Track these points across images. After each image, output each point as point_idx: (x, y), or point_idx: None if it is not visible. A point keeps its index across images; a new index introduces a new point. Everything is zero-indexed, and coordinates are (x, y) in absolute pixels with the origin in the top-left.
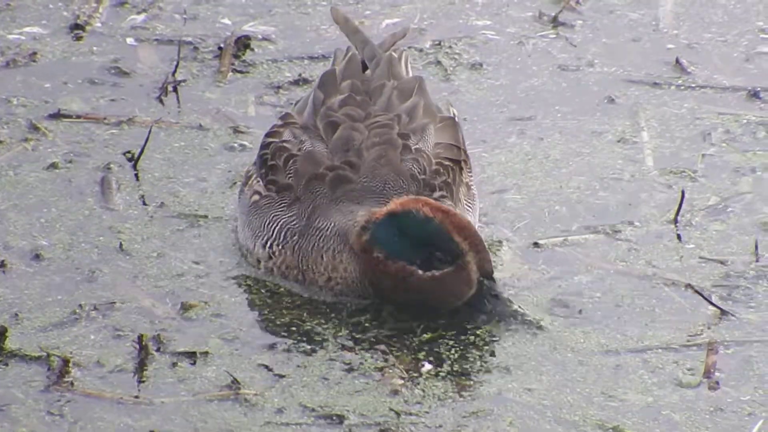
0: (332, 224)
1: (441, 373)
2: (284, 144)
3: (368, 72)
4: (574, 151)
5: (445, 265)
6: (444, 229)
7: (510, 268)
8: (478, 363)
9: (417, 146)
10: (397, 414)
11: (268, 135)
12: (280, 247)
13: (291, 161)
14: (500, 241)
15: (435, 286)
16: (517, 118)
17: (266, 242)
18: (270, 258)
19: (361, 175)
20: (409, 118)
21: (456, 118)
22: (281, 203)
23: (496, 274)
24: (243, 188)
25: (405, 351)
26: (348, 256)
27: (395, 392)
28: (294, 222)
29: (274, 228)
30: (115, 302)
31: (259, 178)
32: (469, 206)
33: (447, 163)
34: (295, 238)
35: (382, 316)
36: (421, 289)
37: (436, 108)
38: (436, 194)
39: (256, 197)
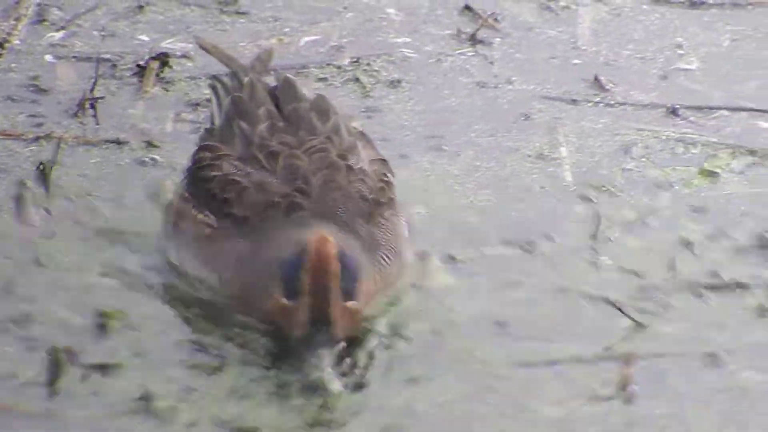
0: (274, 255)
1: (351, 386)
2: (231, 177)
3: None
4: (487, 167)
5: (291, 297)
6: (301, 265)
7: (433, 280)
8: (385, 376)
9: (359, 166)
10: (310, 426)
11: (201, 168)
12: (234, 276)
13: (244, 193)
14: (427, 253)
15: (277, 314)
16: (433, 135)
17: (220, 273)
18: (223, 288)
19: (312, 201)
20: (339, 138)
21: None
22: (237, 234)
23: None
24: (177, 221)
25: (316, 365)
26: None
27: (307, 405)
28: (248, 252)
29: (229, 259)
30: (31, 314)
31: (208, 213)
32: (405, 221)
33: (386, 179)
34: (246, 268)
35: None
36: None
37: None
38: (387, 213)
39: (207, 230)
